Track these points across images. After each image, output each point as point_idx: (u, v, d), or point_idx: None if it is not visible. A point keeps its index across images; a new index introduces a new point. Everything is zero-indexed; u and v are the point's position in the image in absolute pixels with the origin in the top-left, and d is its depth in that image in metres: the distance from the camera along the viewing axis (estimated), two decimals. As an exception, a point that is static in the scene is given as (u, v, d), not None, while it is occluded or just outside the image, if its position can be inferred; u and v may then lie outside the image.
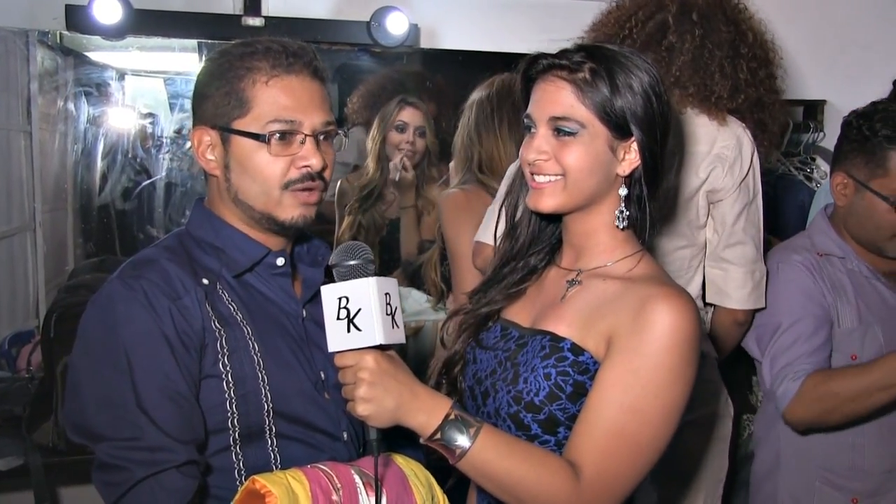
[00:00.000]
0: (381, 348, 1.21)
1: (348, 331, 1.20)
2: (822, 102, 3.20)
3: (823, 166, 3.13)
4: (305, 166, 1.35)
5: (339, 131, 1.43)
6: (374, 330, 1.18)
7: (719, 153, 1.97)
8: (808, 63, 3.28)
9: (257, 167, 1.34)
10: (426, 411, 1.22)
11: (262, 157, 1.34)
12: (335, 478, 1.25)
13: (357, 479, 1.28)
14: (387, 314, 1.20)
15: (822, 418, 1.90)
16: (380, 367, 1.20)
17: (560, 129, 1.31)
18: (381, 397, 1.19)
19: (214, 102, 1.36)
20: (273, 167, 1.34)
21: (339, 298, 1.21)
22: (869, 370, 1.83)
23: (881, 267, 2.02)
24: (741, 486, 2.38)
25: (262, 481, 1.19)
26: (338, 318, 1.21)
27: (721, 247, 2.02)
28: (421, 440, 1.25)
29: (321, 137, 1.38)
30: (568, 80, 1.31)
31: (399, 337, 1.22)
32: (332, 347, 1.22)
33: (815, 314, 1.95)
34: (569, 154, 1.31)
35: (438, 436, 1.22)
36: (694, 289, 2.06)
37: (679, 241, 2.03)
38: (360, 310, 1.19)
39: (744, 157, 1.98)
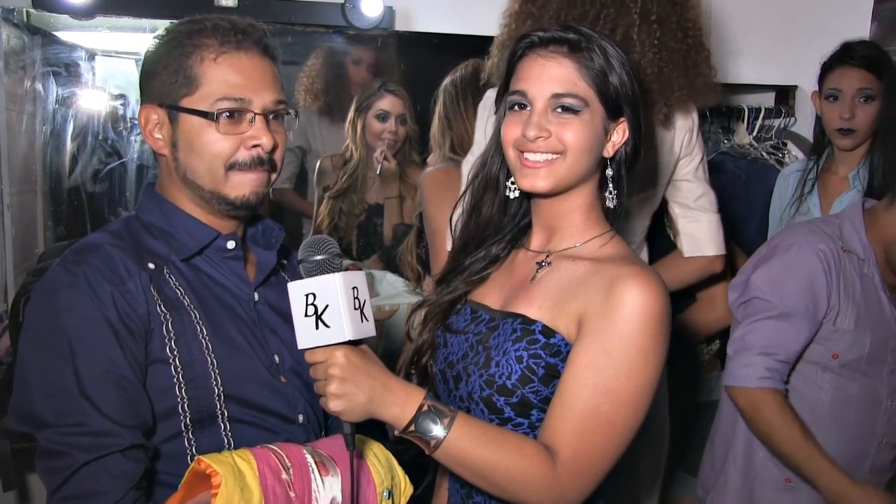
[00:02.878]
0: (351, 342, 1.20)
1: (317, 327, 1.19)
2: (794, 88, 3.23)
3: (795, 151, 3.16)
4: (256, 146, 1.34)
5: (290, 110, 1.42)
6: (343, 326, 1.17)
7: (682, 124, 2.07)
8: (779, 49, 3.31)
9: (205, 145, 1.33)
10: (399, 404, 1.22)
11: (210, 136, 1.32)
12: (285, 457, 1.25)
13: (309, 458, 1.27)
14: (355, 308, 1.19)
15: (749, 422, 1.96)
16: (350, 362, 1.19)
17: (564, 107, 1.31)
18: (352, 393, 1.19)
19: (161, 80, 1.34)
20: (221, 145, 1.32)
21: (306, 295, 1.19)
22: (812, 459, 1.86)
23: (890, 280, 2.01)
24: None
25: (206, 461, 1.18)
26: (306, 315, 1.19)
27: (690, 199, 2.13)
28: (396, 432, 1.25)
29: (271, 117, 1.37)
30: (569, 56, 1.31)
31: (369, 330, 1.21)
32: (301, 344, 1.21)
33: (809, 313, 1.93)
34: (570, 131, 1.31)
35: (413, 428, 1.22)
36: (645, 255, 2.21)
37: (648, 218, 2.15)
38: (327, 306, 1.18)
39: (694, 119, 2.08)
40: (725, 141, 3.16)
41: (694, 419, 2.64)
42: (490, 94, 2.07)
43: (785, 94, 3.26)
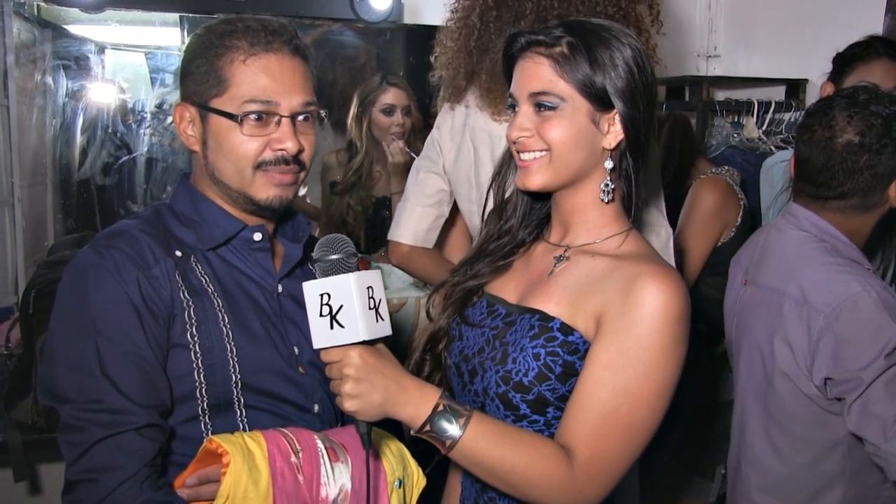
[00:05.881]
0: (366, 342, 1.20)
1: (331, 327, 1.18)
2: (805, 81, 3.22)
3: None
4: (280, 149, 1.36)
5: (320, 111, 1.44)
6: (358, 327, 1.17)
7: None
8: (790, 42, 3.30)
9: (231, 146, 1.36)
10: (414, 404, 1.22)
11: (236, 137, 1.35)
12: (295, 441, 1.27)
13: (320, 444, 1.29)
14: (370, 308, 1.19)
15: None
16: (365, 362, 1.19)
17: (541, 104, 1.31)
18: (367, 392, 1.18)
19: (195, 79, 1.37)
20: (247, 146, 1.35)
21: (321, 295, 1.19)
22: None
23: None
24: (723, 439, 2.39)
25: (217, 440, 1.21)
26: (321, 315, 1.19)
27: None
28: (411, 432, 1.24)
29: (300, 118, 1.39)
30: (545, 55, 1.31)
31: (384, 329, 1.21)
32: (316, 344, 1.21)
33: None
34: (551, 129, 1.31)
35: (428, 427, 1.22)
36: None
37: None
38: (342, 306, 1.18)
39: None
40: (735, 135, 3.15)
41: (705, 422, 2.63)
42: (441, 113, 2.05)
43: (795, 88, 3.25)
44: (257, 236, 1.43)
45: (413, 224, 2.04)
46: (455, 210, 2.08)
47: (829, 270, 1.78)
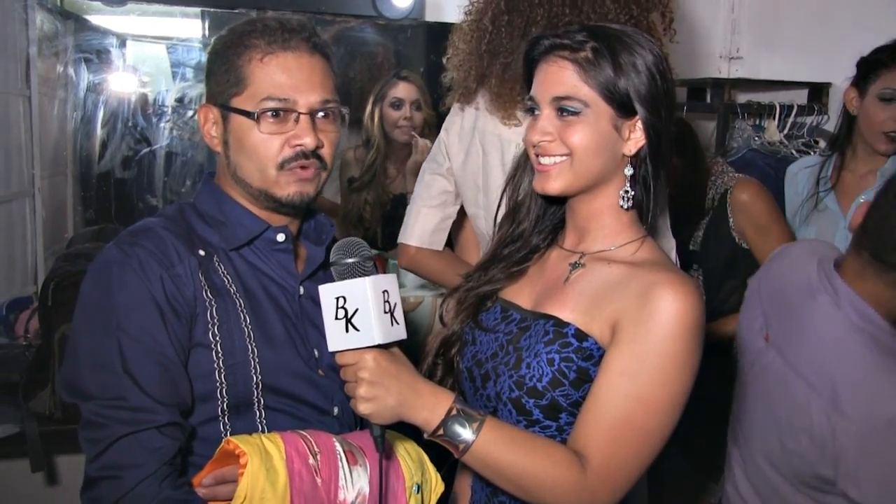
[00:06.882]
0: (382, 345, 1.20)
1: (347, 331, 1.19)
2: (828, 85, 3.18)
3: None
4: (298, 145, 1.36)
5: (342, 108, 1.43)
6: (373, 330, 1.18)
7: None
8: (813, 45, 3.26)
9: (252, 145, 1.36)
10: (428, 408, 1.22)
11: (255, 136, 1.35)
12: (314, 443, 1.27)
13: (338, 446, 1.29)
14: (385, 312, 1.19)
15: None
16: (379, 366, 1.19)
17: (564, 109, 1.30)
18: (381, 396, 1.19)
19: (216, 80, 1.38)
20: (267, 145, 1.36)
21: (337, 298, 1.20)
22: None
23: None
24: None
25: (235, 441, 1.21)
26: (336, 318, 1.20)
27: None
28: (425, 436, 1.25)
29: (320, 115, 1.39)
30: (570, 59, 1.30)
31: (399, 333, 1.21)
32: (331, 347, 1.21)
33: None
34: (574, 133, 1.30)
35: (441, 431, 1.22)
36: None
37: None
38: (357, 310, 1.18)
39: None
40: (756, 138, 3.12)
41: (713, 423, 2.61)
42: (451, 114, 2.03)
43: (818, 91, 3.21)
44: (280, 237, 1.43)
45: (419, 225, 2.03)
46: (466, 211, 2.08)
47: (867, 373, 1.56)
